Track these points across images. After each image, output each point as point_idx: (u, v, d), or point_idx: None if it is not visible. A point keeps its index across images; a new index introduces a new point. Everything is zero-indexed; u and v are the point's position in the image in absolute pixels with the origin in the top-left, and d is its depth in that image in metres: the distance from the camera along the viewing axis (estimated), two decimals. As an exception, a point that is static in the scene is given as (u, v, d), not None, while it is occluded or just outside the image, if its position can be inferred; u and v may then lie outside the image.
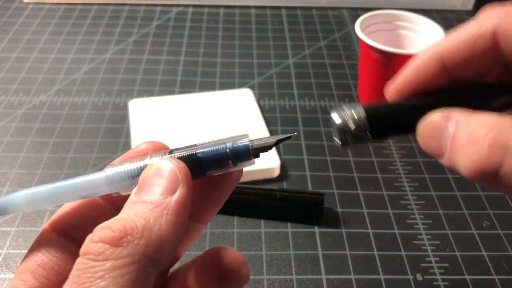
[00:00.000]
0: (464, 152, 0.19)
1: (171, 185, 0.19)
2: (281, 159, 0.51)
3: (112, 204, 0.23)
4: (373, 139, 0.21)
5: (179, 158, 0.21)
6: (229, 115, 0.56)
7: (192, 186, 0.20)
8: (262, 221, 0.45)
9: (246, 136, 0.21)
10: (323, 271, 0.41)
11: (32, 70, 0.65)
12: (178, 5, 0.81)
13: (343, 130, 0.21)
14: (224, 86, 0.63)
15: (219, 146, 0.21)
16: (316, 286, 0.40)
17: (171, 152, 0.21)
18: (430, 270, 0.41)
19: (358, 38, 0.55)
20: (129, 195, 0.21)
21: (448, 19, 0.79)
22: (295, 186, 0.48)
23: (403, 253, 0.42)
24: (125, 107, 0.58)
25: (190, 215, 0.20)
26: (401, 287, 0.40)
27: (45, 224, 0.23)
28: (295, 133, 0.23)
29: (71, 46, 0.70)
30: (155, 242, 0.17)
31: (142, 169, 0.21)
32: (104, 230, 0.17)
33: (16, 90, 0.61)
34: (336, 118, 0.21)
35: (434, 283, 0.40)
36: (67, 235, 0.22)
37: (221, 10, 0.80)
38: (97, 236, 0.17)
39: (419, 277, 0.41)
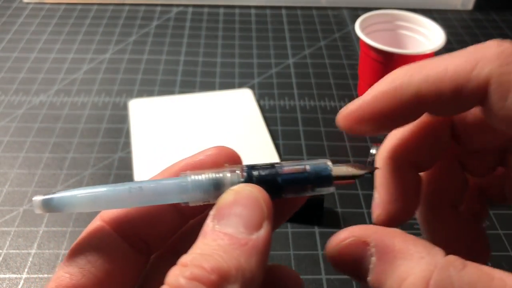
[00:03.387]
0: None
1: (255, 219, 0.18)
2: (281, 159, 0.51)
3: (174, 207, 0.22)
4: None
5: (259, 177, 0.20)
6: (229, 115, 0.56)
7: None
8: (262, 221, 0.45)
9: (327, 161, 0.21)
10: (323, 271, 0.41)
11: (32, 70, 0.65)
12: (178, 5, 0.81)
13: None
14: (224, 86, 0.63)
15: (300, 167, 0.20)
16: (316, 286, 0.40)
17: (249, 168, 0.20)
18: (430, 270, 0.41)
19: (358, 38, 0.55)
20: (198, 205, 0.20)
21: (448, 19, 0.79)
22: (295, 186, 0.48)
23: (403, 253, 0.42)
24: (125, 107, 0.58)
25: None
26: (401, 287, 0.40)
27: (97, 217, 0.21)
28: (378, 168, 0.23)
29: (71, 46, 0.70)
30: (247, 286, 0.17)
31: (217, 182, 0.20)
32: (197, 268, 0.16)
33: (16, 90, 0.61)
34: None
35: (434, 283, 0.40)
36: (123, 234, 0.21)
37: (221, 10, 0.80)
38: (191, 273, 0.16)
39: (419, 277, 0.40)
